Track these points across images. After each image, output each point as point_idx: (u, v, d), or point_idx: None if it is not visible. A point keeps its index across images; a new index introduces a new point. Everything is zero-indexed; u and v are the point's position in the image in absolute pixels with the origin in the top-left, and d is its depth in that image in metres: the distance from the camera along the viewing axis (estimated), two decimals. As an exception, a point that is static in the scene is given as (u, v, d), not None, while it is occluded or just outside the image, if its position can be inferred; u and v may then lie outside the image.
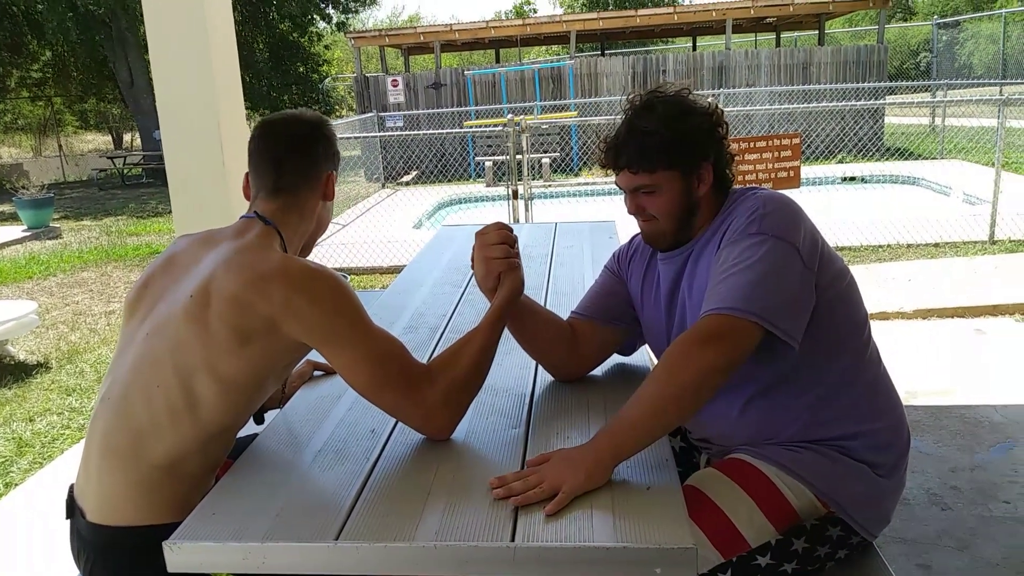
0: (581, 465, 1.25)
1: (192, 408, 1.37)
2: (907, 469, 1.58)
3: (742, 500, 1.44)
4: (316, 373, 1.82)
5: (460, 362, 1.44)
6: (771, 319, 1.33)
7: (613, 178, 1.61)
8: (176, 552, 1.17)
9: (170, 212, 6.40)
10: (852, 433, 1.49)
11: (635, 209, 1.58)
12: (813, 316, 1.42)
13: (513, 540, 1.13)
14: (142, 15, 4.30)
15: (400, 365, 1.39)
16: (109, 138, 27.32)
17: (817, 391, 1.49)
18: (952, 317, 4.84)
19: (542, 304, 2.24)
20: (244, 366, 1.37)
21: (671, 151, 1.51)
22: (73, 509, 1.47)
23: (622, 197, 1.62)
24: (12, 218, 11.94)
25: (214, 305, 1.36)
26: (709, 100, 1.59)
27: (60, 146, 21.64)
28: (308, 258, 1.57)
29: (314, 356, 1.49)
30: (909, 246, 6.76)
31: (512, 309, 1.56)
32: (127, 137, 25.88)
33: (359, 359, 1.37)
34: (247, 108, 5.08)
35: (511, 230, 1.59)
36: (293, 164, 1.57)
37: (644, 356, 1.84)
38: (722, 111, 1.59)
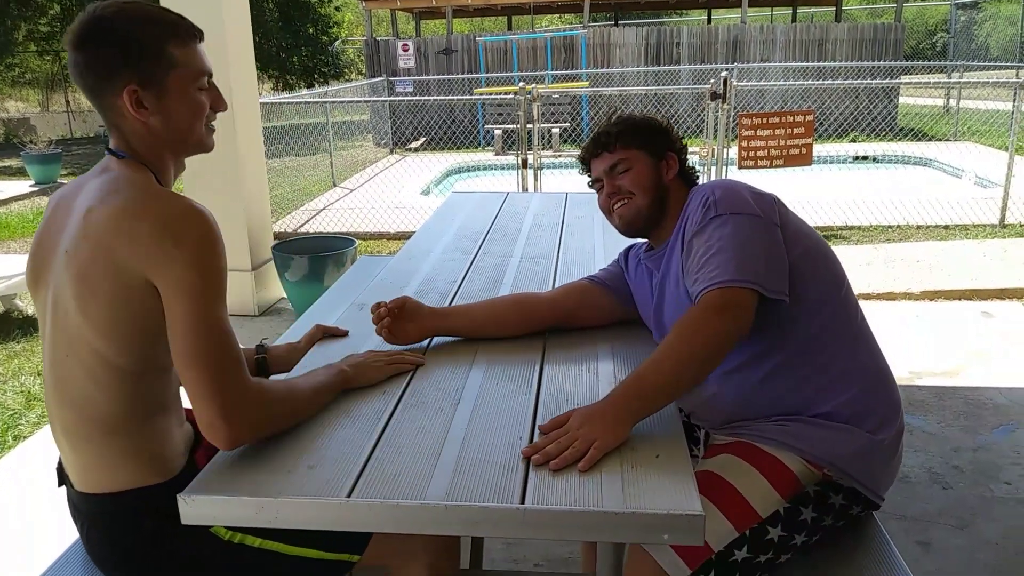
0: (606, 421, 1.30)
1: (104, 365, 1.30)
2: (903, 428, 1.60)
3: (749, 473, 1.49)
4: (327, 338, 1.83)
5: (289, 399, 1.36)
6: (763, 283, 1.43)
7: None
8: (190, 505, 1.18)
9: (178, 171, 6.43)
10: (830, 399, 1.53)
11: (612, 189, 1.73)
12: (790, 275, 1.51)
13: (523, 503, 1.14)
14: (155, -30, 4.27)
15: (226, 356, 1.26)
16: (117, 95, 27.09)
17: (799, 362, 1.54)
18: (959, 300, 4.83)
19: (552, 274, 2.25)
20: (125, 309, 1.28)
21: (639, 135, 1.73)
22: (63, 478, 1.48)
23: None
24: (20, 173, 11.93)
25: (83, 253, 1.27)
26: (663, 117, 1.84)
27: (68, 102, 21.51)
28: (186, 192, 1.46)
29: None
30: (919, 227, 6.73)
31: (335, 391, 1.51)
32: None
33: (194, 319, 1.24)
34: (256, 69, 5.05)
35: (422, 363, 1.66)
36: (86, 75, 1.32)
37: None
38: (672, 127, 1.80)
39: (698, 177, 1.81)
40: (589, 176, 1.82)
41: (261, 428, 1.30)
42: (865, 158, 11.16)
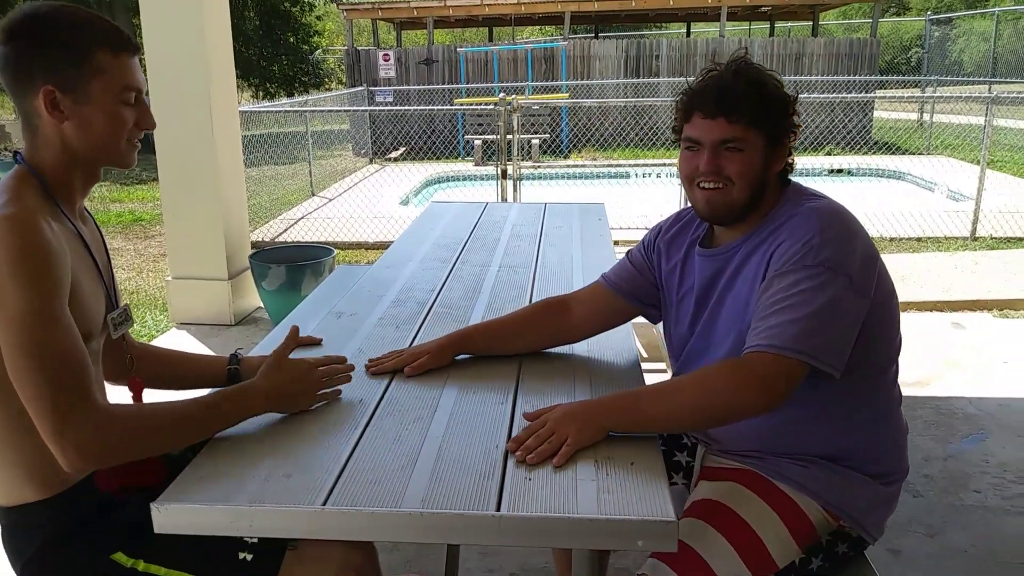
0: (586, 422, 1.31)
1: None
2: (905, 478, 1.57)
3: (768, 517, 1.44)
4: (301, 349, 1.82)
5: (153, 421, 1.27)
6: (819, 356, 1.30)
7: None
8: (163, 513, 1.18)
9: (154, 179, 6.36)
10: (862, 450, 1.48)
11: (712, 168, 1.43)
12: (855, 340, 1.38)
13: (499, 510, 1.15)
14: (132, -23, 4.25)
15: (53, 383, 1.18)
16: (94, 102, 26.86)
17: (837, 409, 1.46)
18: (931, 311, 4.90)
19: (530, 283, 2.26)
20: None
21: (771, 112, 1.43)
22: None
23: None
24: (-7, 179, 11.79)
25: None
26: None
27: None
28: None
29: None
30: (892, 239, 6.82)
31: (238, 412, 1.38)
32: (112, 102, 25.45)
33: (19, 345, 1.18)
34: (236, 77, 5.04)
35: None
36: (6, 71, 1.29)
37: (630, 333, 1.86)
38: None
39: (791, 170, 1.54)
40: (678, 126, 1.51)
41: (108, 453, 1.21)
42: (840, 171, 11.30)
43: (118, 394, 1.61)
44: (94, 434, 1.19)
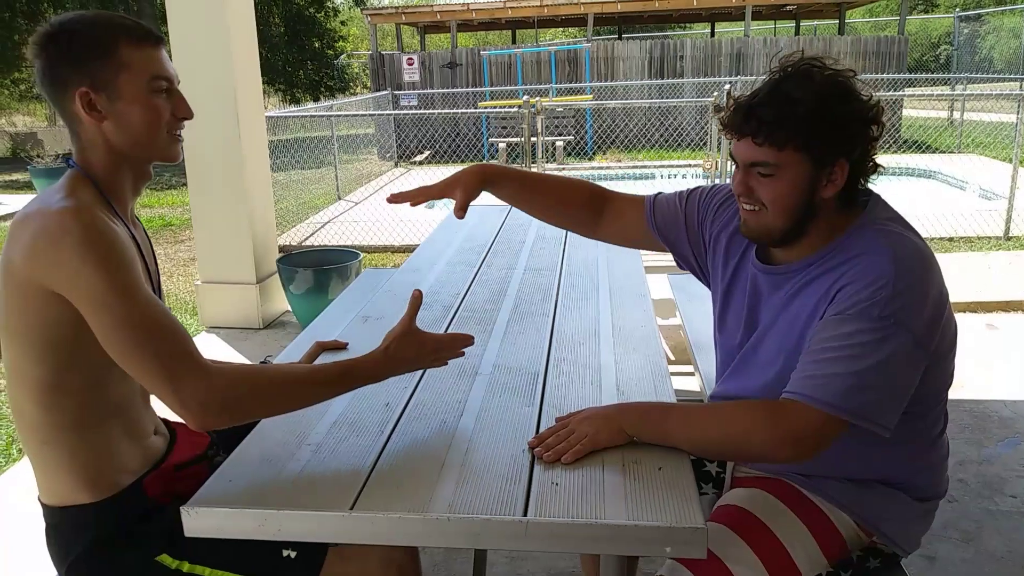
0: (607, 424, 1.31)
1: (25, 374, 1.30)
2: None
3: (798, 530, 1.40)
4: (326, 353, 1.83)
5: (261, 377, 1.28)
6: (866, 415, 1.23)
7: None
8: (193, 517, 1.19)
9: (184, 185, 6.43)
10: (903, 476, 1.45)
11: (743, 190, 1.35)
12: None
13: (525, 515, 1.14)
14: (161, -15, 4.30)
15: (160, 346, 1.21)
16: (124, 109, 27.24)
17: (884, 441, 1.36)
18: (964, 312, 4.81)
19: (555, 286, 2.25)
20: (27, 319, 1.26)
21: (811, 130, 1.27)
22: None
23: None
24: (27, 186, 11.99)
25: (2, 263, 1.27)
26: (871, 94, 1.34)
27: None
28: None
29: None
30: (923, 239, 6.72)
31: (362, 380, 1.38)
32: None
33: (113, 323, 1.20)
34: (262, 83, 5.08)
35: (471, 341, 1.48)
36: (44, 83, 1.33)
37: (657, 334, 1.84)
38: (883, 109, 1.34)
39: (863, 188, 1.38)
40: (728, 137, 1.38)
41: (229, 409, 1.23)
42: (869, 170, 11.14)
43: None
44: (212, 392, 1.21)
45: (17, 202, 10.54)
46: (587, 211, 1.70)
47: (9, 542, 2.67)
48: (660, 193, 1.71)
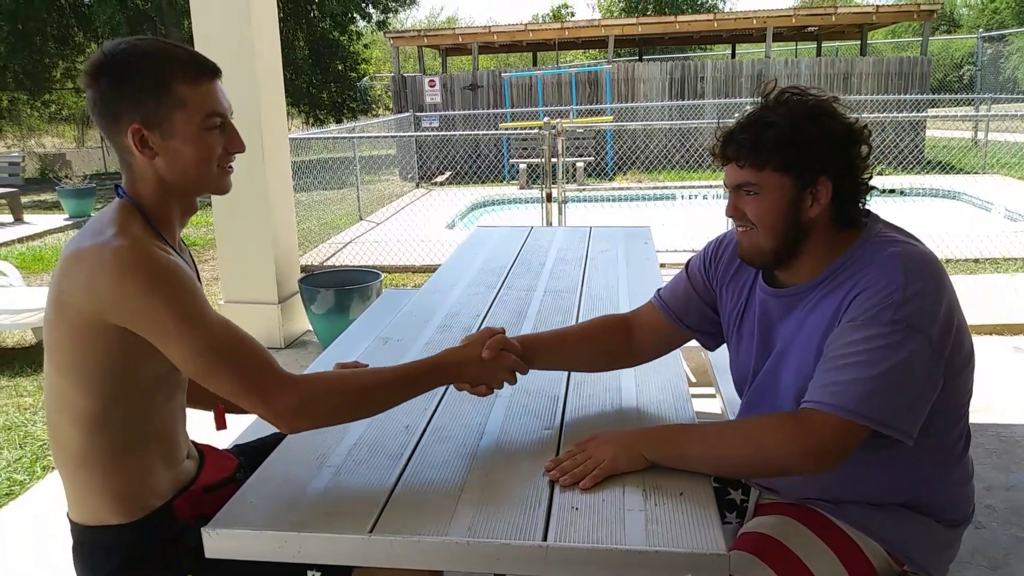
0: (626, 449, 1.31)
1: (69, 401, 1.30)
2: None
3: (827, 557, 1.37)
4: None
5: (346, 383, 1.32)
6: (888, 421, 1.23)
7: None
8: (214, 538, 1.19)
9: (207, 204, 6.51)
10: (930, 498, 1.43)
11: (733, 211, 1.42)
12: None
13: (545, 540, 1.13)
14: (187, 9, 4.38)
15: (239, 364, 1.25)
16: (150, 131, 27.65)
17: (906, 460, 1.38)
18: (990, 335, 4.75)
19: (575, 308, 2.25)
20: (81, 350, 1.27)
21: (787, 150, 1.33)
22: None
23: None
24: (55, 207, 12.18)
25: (51, 293, 1.28)
26: (858, 118, 1.40)
27: (102, 137, 21.99)
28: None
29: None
30: (948, 261, 6.65)
31: (437, 380, 1.44)
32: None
33: (194, 350, 1.23)
34: (286, 104, 5.14)
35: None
36: (95, 113, 1.31)
37: (678, 356, 1.83)
38: (869, 132, 1.39)
39: (862, 211, 1.41)
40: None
41: (319, 413, 1.30)
42: (892, 191, 11.09)
43: (202, 419, 1.66)
44: (301, 399, 1.27)
45: (45, 222, 10.70)
46: (616, 343, 1.68)
47: (36, 560, 2.68)
48: (658, 289, 1.74)
